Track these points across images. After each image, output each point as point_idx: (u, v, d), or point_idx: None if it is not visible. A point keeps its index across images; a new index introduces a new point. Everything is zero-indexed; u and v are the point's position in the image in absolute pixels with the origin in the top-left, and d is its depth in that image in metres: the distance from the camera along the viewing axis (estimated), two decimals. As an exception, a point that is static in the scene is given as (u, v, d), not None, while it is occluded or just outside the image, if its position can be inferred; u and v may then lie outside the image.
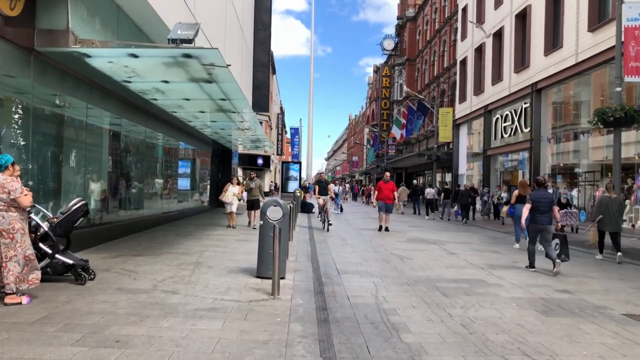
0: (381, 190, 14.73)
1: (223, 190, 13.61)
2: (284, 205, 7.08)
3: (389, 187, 14.76)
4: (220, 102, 10.71)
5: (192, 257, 8.51)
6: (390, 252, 10.09)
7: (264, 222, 6.92)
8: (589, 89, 18.80)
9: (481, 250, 10.81)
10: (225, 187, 13.67)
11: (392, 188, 14.83)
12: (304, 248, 10.49)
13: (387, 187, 14.73)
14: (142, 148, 12.33)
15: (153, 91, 9.60)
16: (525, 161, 23.39)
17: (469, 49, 30.12)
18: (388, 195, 14.52)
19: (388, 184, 14.83)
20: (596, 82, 18.23)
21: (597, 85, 18.25)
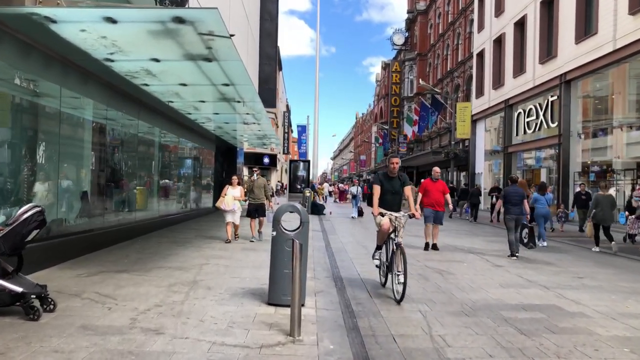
0: (428, 192, 10.51)
1: (221, 194, 10.49)
2: (302, 210, 5.54)
3: (439, 188, 10.57)
4: (223, 88, 9.17)
5: (188, 273, 6.97)
6: (424, 264, 8.51)
7: (277, 233, 5.38)
8: (627, 79, 17.12)
9: (530, 260, 9.21)
10: (223, 190, 10.60)
11: (442, 189, 10.61)
12: (321, 258, 8.94)
13: (437, 187, 10.56)
14: (135, 144, 10.82)
15: (143, 74, 8.07)
16: (553, 158, 21.71)
17: (486, 41, 28.45)
18: (438, 199, 10.45)
19: (437, 183, 10.64)
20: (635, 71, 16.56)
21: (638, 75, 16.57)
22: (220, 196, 10.44)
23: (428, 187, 10.64)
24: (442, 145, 36.47)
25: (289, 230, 5.46)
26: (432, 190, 10.53)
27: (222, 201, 10.34)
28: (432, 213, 10.43)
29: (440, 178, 10.97)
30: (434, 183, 10.66)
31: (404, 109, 45.65)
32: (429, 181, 10.81)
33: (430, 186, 10.62)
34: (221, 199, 10.36)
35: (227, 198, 10.33)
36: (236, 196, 10.42)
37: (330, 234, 13.55)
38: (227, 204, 10.32)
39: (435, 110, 32.05)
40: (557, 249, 11.20)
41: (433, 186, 10.61)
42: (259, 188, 10.70)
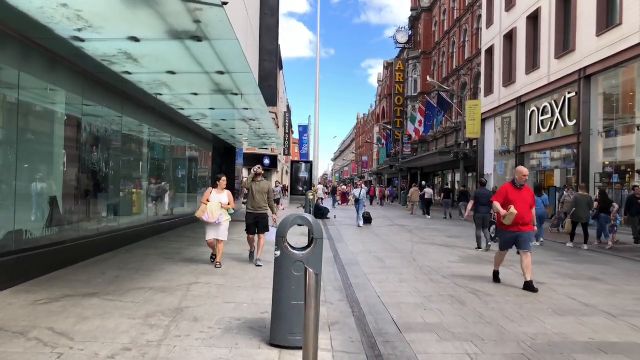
0: (511, 203, 6.91)
1: (202, 200, 7.80)
2: (314, 222, 4.30)
3: (526, 198, 7.03)
4: (218, 77, 7.95)
5: (172, 296, 5.73)
6: (453, 281, 7.27)
7: (282, 253, 4.15)
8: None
9: (571, 275, 7.97)
10: (205, 194, 7.83)
11: (530, 201, 7.09)
12: (331, 273, 7.70)
13: (523, 197, 7.00)
14: (119, 142, 9.58)
15: (122, 58, 6.84)
16: (570, 158, 20.48)
17: (496, 37, 27.25)
18: (525, 212, 6.92)
19: (523, 190, 7.06)
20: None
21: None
22: (201, 202, 7.76)
23: (511, 196, 6.97)
24: (448, 145, 35.24)
25: (297, 250, 4.23)
26: (516, 200, 6.91)
27: (204, 210, 7.59)
28: (515, 237, 6.98)
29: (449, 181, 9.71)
30: (518, 190, 7.02)
31: (408, 109, 44.44)
32: (510, 187, 7.11)
33: (514, 195, 6.97)
34: (203, 207, 7.62)
35: (212, 206, 7.61)
36: (223, 203, 7.73)
37: (337, 241, 12.31)
38: (211, 214, 7.57)
39: (442, 109, 30.83)
40: (594, 260, 9.96)
41: (517, 195, 6.98)
42: (262, 193, 8.01)
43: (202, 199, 7.81)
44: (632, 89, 16.71)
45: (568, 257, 10.29)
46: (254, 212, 8.04)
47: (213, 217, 7.63)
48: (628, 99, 17.34)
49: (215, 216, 7.64)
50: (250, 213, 8.09)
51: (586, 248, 11.62)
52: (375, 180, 67.17)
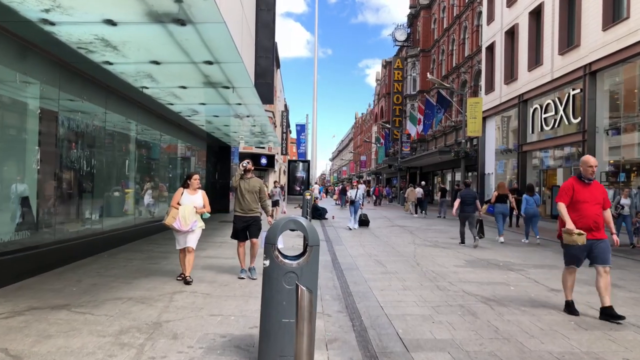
0: (579, 205, 5.48)
1: (172, 203, 6.45)
2: (309, 227, 3.72)
3: (597, 196, 5.54)
4: (206, 68, 7.37)
5: (151, 308, 5.14)
6: (461, 288, 6.69)
7: (272, 262, 3.57)
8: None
9: (589, 282, 7.39)
10: (175, 196, 6.50)
11: (602, 199, 5.54)
12: (329, 279, 7.12)
13: (592, 194, 5.53)
14: (102, 139, 8.98)
15: (99, 45, 6.25)
16: (574, 157, 19.93)
17: (497, 33, 26.70)
18: (597, 215, 5.48)
19: (592, 186, 5.56)
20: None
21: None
22: (170, 206, 6.41)
23: (579, 195, 5.48)
24: (448, 144, 34.71)
25: (289, 258, 3.65)
26: (587, 200, 5.45)
27: (175, 215, 6.22)
28: (587, 247, 5.52)
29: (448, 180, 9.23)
30: (586, 187, 5.51)
31: (407, 108, 43.90)
32: (576, 183, 5.57)
33: (583, 193, 5.48)
34: (173, 212, 6.26)
35: (184, 210, 6.24)
36: (197, 206, 6.41)
37: (335, 244, 11.73)
38: (183, 221, 6.21)
39: (441, 107, 30.28)
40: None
41: (588, 194, 5.48)
42: (252, 192, 6.77)
43: (172, 201, 6.40)
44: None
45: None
46: (244, 216, 6.78)
47: (186, 225, 6.23)
48: (635, 95, 16.81)
49: (189, 223, 6.26)
50: (239, 217, 6.80)
51: None
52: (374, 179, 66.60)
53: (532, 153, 23.54)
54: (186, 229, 6.30)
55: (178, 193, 6.51)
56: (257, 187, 6.90)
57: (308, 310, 2.67)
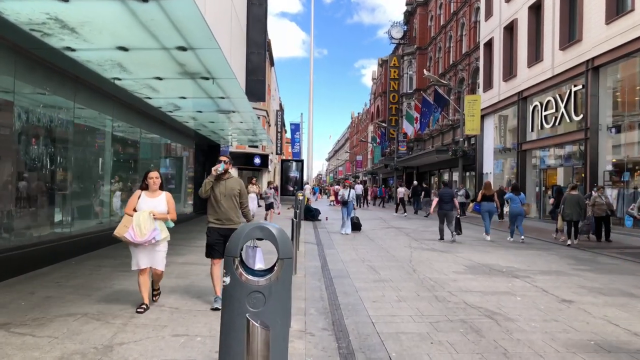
0: None
1: (126, 208, 5.18)
2: (280, 235, 3.01)
3: None
4: (180, 55, 6.66)
5: (106, 327, 4.43)
6: (463, 299, 6.00)
7: (232, 279, 2.88)
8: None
9: (603, 291, 6.73)
10: (131, 200, 5.23)
11: None
12: (316, 289, 6.43)
13: None
14: (71, 135, 8.24)
15: (54, 27, 5.54)
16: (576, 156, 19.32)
17: (496, 29, 26.08)
18: None
19: None
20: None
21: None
22: (125, 213, 5.10)
23: None
24: (445, 143, 34.08)
25: (255, 274, 2.95)
26: None
27: (127, 223, 4.92)
28: None
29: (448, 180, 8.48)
30: None
31: (403, 106, 43.27)
32: None
33: None
34: (125, 219, 4.98)
35: (140, 217, 4.92)
36: (158, 212, 5.09)
37: (327, 247, 11.04)
38: (138, 230, 4.87)
39: (438, 105, 29.63)
40: (617, 268, 8.74)
41: None
42: (230, 197, 5.33)
43: (126, 207, 5.14)
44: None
45: (587, 264, 9.06)
46: (221, 228, 5.27)
47: (142, 235, 4.86)
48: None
49: (146, 233, 4.89)
50: (214, 229, 5.27)
51: (574, 243, 12.21)
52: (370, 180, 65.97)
53: (532, 152, 22.92)
54: (142, 239, 4.88)
55: (134, 196, 5.17)
56: (236, 189, 5.40)
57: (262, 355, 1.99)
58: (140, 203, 5.13)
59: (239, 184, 5.51)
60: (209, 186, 5.31)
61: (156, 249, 5.12)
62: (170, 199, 5.32)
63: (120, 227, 4.97)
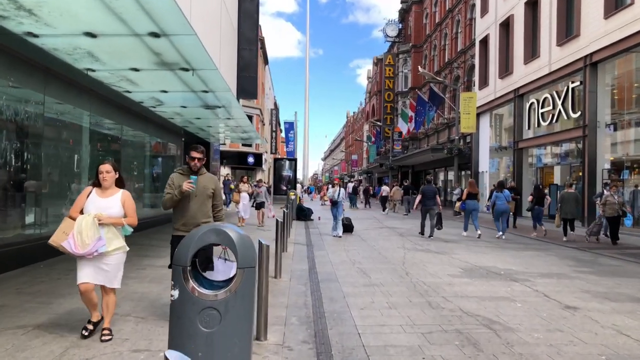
0: None
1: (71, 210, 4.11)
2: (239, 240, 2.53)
3: None
4: (154, 42, 6.17)
5: (57, 342, 3.93)
6: (458, 305, 5.54)
7: (181, 293, 2.40)
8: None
9: (609, 296, 6.28)
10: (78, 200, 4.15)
11: None
12: (300, 295, 5.95)
13: None
14: (40, 129, 7.73)
15: (8, 7, 5.03)
16: (573, 153, 18.95)
17: (491, 25, 25.68)
18: None
19: None
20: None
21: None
22: (69, 214, 4.07)
23: None
24: (440, 142, 33.68)
25: (208, 287, 2.47)
26: None
27: (66, 229, 3.94)
28: None
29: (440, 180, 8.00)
30: None
31: (398, 105, 42.84)
32: None
33: None
34: (65, 224, 3.98)
35: (83, 222, 3.91)
36: (107, 216, 4.04)
37: (317, 248, 10.56)
38: (78, 239, 3.87)
39: (433, 104, 29.19)
40: (621, 270, 8.31)
41: None
42: (202, 197, 4.57)
43: (72, 207, 4.09)
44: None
45: (588, 266, 8.63)
46: None
47: (83, 245, 3.83)
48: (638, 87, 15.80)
49: (89, 242, 3.84)
50: (180, 237, 4.18)
51: (565, 240, 12.52)
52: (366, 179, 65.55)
53: (528, 150, 22.53)
54: (83, 251, 3.84)
55: (83, 195, 4.14)
56: (209, 188, 4.61)
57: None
58: (88, 203, 4.08)
59: (213, 182, 4.76)
60: (175, 202, 4.47)
61: (105, 260, 4.02)
62: (128, 199, 4.24)
63: (58, 234, 3.92)
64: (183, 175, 4.58)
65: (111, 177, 4.19)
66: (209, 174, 4.79)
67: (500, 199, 13.36)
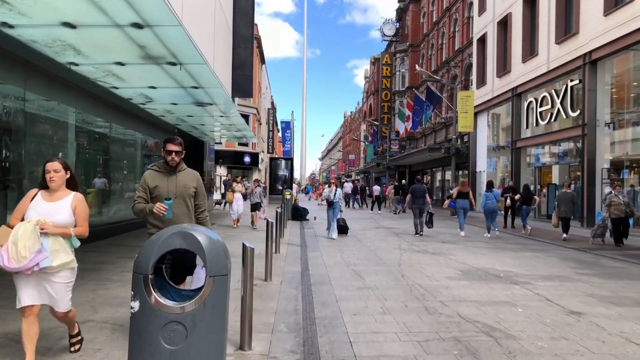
0: None
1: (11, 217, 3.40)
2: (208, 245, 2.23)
3: None
4: (137, 34, 5.88)
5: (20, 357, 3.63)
6: (456, 311, 5.25)
7: (142, 304, 2.10)
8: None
9: (614, 300, 6.01)
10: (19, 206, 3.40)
11: None
12: (290, 300, 5.66)
13: None
14: (21, 125, 7.42)
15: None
16: (572, 153, 18.72)
17: (489, 24, 25.44)
18: None
19: None
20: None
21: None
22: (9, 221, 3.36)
23: None
24: (438, 141, 33.43)
25: (175, 297, 2.18)
26: None
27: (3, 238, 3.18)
28: None
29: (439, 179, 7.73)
30: None
31: (396, 104, 42.58)
32: None
33: None
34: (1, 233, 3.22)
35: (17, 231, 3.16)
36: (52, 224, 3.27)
37: (311, 249, 10.27)
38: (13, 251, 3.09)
39: (431, 103, 28.94)
40: (624, 272, 8.04)
41: None
42: (181, 198, 4.02)
43: (13, 213, 3.37)
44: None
45: (590, 268, 8.36)
46: None
47: (19, 259, 3.09)
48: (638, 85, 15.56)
49: (26, 255, 3.10)
50: None
51: (564, 238, 12.55)
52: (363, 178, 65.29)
53: (527, 149, 22.29)
54: (18, 266, 3.08)
55: (26, 198, 3.42)
56: (191, 187, 4.03)
57: None
58: (30, 208, 3.32)
59: (195, 179, 4.12)
60: (153, 174, 4.00)
61: (51, 278, 3.27)
62: (80, 204, 3.45)
63: None
64: (159, 173, 4.00)
65: (60, 177, 3.42)
66: (189, 170, 4.17)
67: (489, 198, 13.63)
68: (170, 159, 3.97)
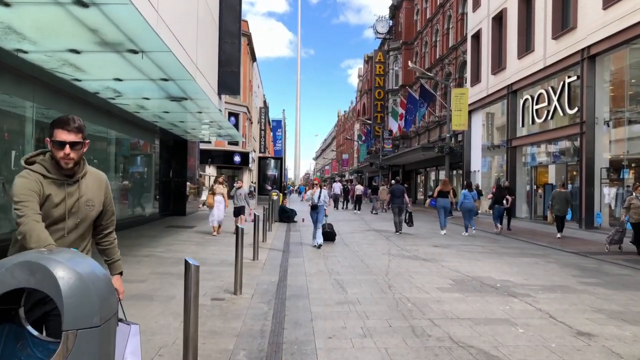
0: None
1: None
2: (69, 279, 1.50)
3: None
4: (84, 14, 5.16)
5: None
6: (448, 332, 4.55)
7: None
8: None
9: (625, 317, 5.33)
10: None
11: None
12: (259, 317, 4.94)
13: None
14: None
15: None
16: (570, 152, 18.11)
17: (484, 20, 24.82)
18: None
19: None
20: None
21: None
22: None
23: None
24: (431, 140, 32.81)
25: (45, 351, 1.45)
26: None
27: None
28: None
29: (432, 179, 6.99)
30: None
31: (389, 103, 41.94)
32: None
33: None
34: None
35: None
36: None
37: (293, 255, 9.54)
38: None
39: (424, 101, 28.29)
40: (632, 281, 7.38)
41: None
42: (81, 217, 2.43)
43: None
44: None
45: (594, 276, 7.70)
46: None
47: None
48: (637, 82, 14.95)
49: None
50: None
51: (559, 237, 12.95)
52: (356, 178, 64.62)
53: (522, 148, 21.67)
54: None
55: None
56: (95, 202, 2.50)
57: None
58: None
59: (102, 187, 2.58)
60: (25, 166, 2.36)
61: None
62: None
63: None
64: (48, 181, 2.32)
65: None
66: (94, 173, 2.59)
67: (467, 197, 14.02)
68: (62, 157, 2.32)
